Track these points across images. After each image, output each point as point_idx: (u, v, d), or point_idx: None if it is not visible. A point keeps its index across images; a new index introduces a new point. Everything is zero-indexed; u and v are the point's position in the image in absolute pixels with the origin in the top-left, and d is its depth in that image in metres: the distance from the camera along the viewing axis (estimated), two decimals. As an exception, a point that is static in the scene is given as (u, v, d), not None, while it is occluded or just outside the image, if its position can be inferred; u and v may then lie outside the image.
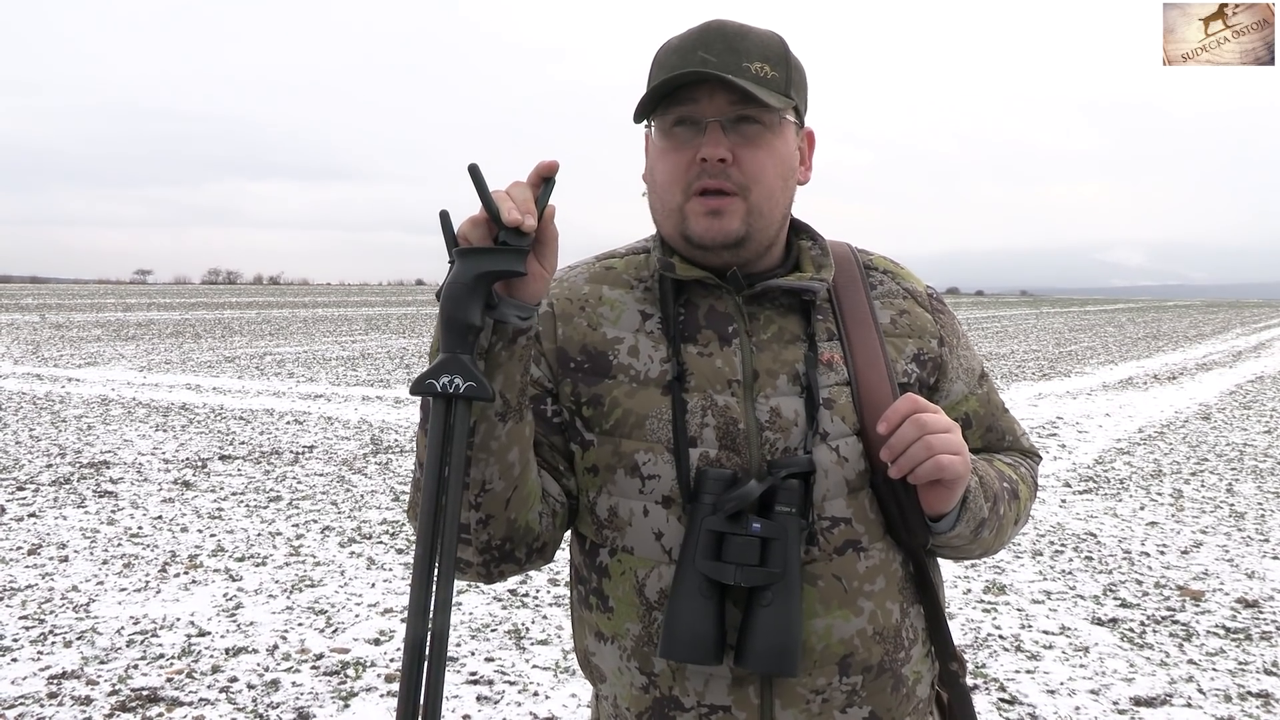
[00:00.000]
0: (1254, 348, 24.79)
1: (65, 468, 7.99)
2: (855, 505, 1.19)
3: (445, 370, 1.01)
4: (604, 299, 1.24)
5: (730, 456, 1.16)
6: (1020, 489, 1.30)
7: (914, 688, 1.24)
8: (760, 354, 1.20)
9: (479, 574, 1.18)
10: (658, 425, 1.18)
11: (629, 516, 1.19)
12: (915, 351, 1.26)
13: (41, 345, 21.10)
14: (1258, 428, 10.88)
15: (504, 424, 1.09)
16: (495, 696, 3.76)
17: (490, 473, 1.10)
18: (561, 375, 1.22)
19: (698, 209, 1.17)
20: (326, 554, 5.61)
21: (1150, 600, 4.95)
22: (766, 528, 1.11)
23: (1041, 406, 12.42)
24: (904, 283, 1.31)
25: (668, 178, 1.19)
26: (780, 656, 1.11)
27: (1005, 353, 21.64)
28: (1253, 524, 6.51)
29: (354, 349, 21.04)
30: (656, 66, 1.19)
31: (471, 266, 1.02)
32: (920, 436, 1.10)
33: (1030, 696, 3.79)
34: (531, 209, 1.02)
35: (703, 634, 1.11)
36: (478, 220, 1.03)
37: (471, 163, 1.02)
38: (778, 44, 1.18)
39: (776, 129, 1.18)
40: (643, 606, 1.19)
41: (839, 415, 1.19)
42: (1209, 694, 3.84)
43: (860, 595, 1.18)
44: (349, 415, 11.06)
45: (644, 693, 1.20)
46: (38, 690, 3.76)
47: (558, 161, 1.05)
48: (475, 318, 1.02)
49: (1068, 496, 7.28)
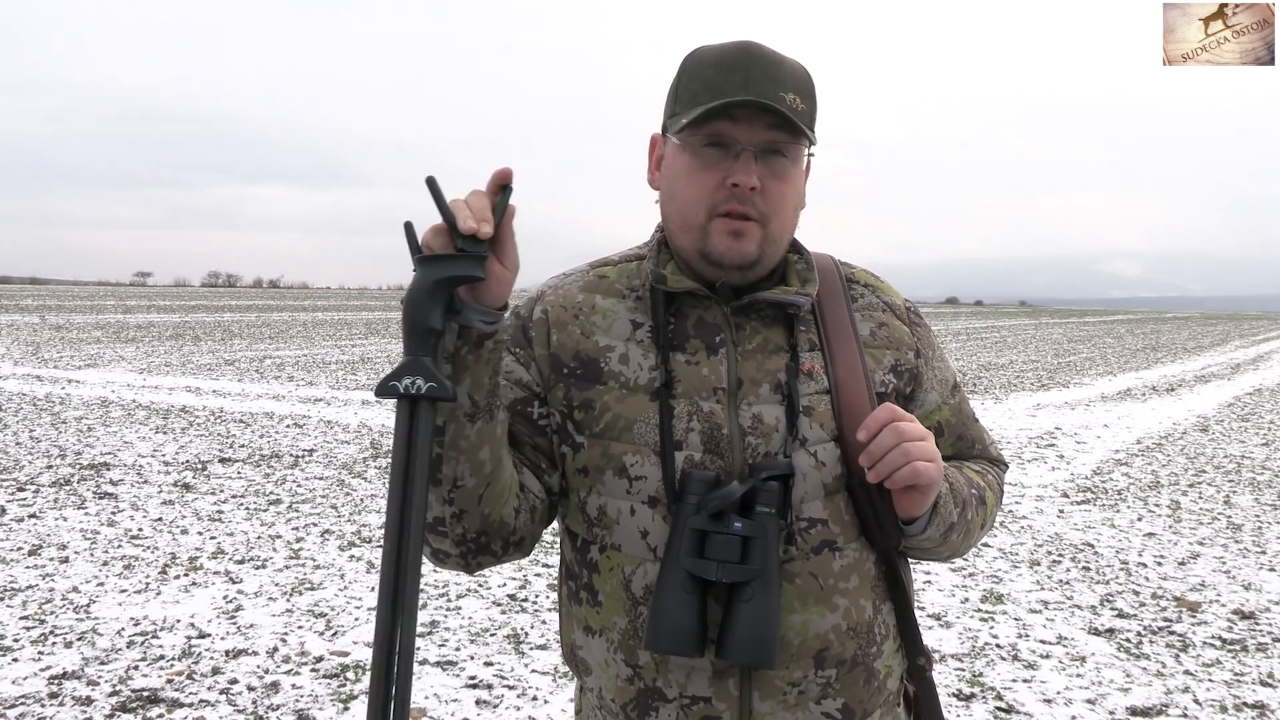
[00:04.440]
0: (1252, 360, 24.82)
1: (65, 469, 8.00)
2: (831, 507, 1.24)
3: (407, 372, 1.06)
4: (597, 307, 1.30)
5: (714, 460, 1.22)
6: (987, 495, 1.37)
7: (885, 681, 1.29)
8: (745, 363, 1.25)
9: (459, 564, 1.24)
10: (645, 429, 1.23)
11: (617, 515, 1.24)
12: (893, 362, 1.32)
13: (41, 346, 21.11)
14: (1255, 440, 10.90)
15: (473, 424, 1.14)
16: (494, 701, 3.77)
17: (461, 470, 1.15)
18: (554, 380, 1.28)
19: (721, 228, 1.22)
20: (326, 557, 5.62)
21: (1147, 611, 4.97)
22: (747, 527, 1.17)
23: (1040, 417, 12.44)
24: (883, 296, 1.36)
25: (694, 196, 1.23)
26: (759, 649, 1.16)
27: (1004, 363, 21.67)
28: (1250, 536, 6.53)
29: (354, 353, 21.06)
30: (690, 78, 1.23)
31: (431, 273, 1.07)
32: (898, 444, 1.16)
33: (1027, 705, 3.81)
34: (488, 216, 1.08)
35: (685, 627, 1.16)
36: (439, 229, 1.08)
37: (429, 175, 1.07)
38: (807, 77, 1.24)
39: (799, 162, 1.24)
40: (629, 601, 1.24)
41: (818, 422, 1.24)
42: (1205, 705, 3.86)
43: (835, 593, 1.24)
44: (349, 419, 11.08)
45: (629, 684, 1.25)
46: (38, 690, 3.77)
47: (511, 169, 1.11)
48: (436, 321, 1.07)
49: (1065, 507, 7.30)
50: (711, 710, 1.22)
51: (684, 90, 1.23)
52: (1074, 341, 32.10)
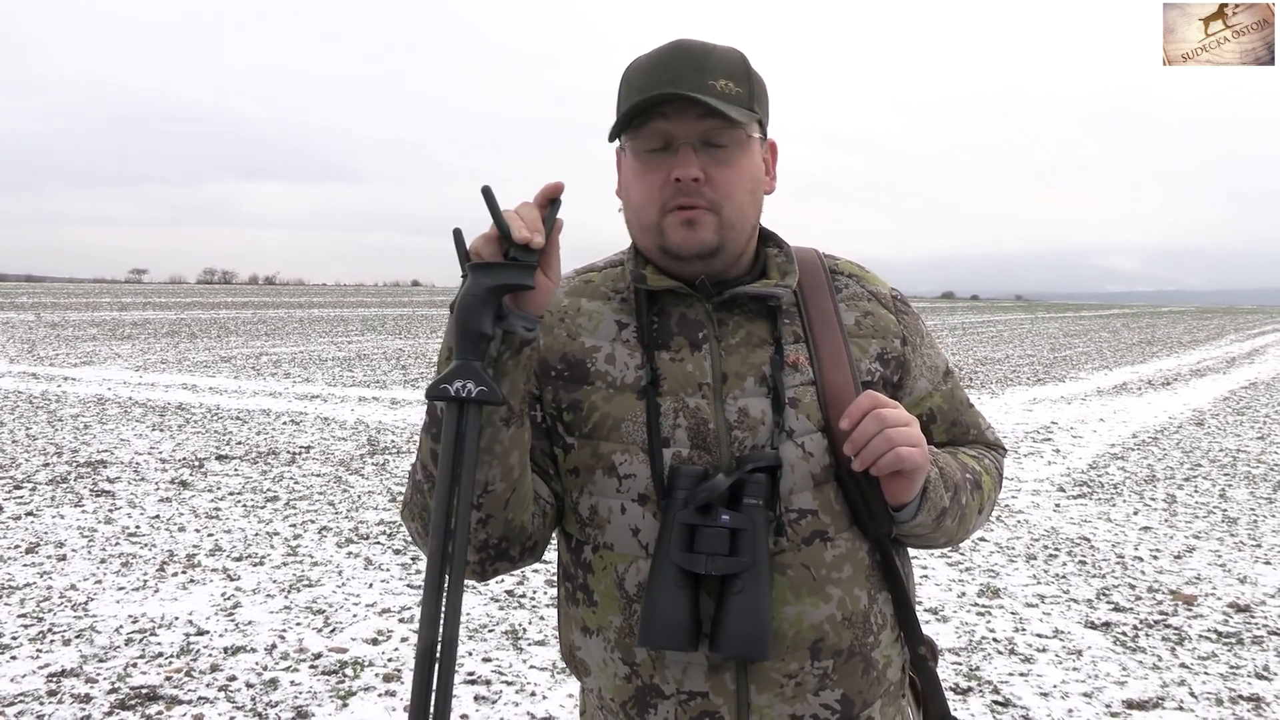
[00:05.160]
0: (1248, 354, 24.87)
1: (62, 467, 8.00)
2: (821, 498, 1.25)
3: (459, 376, 1.07)
4: (583, 310, 1.31)
5: (701, 455, 1.23)
6: (983, 480, 1.37)
7: (884, 671, 1.30)
8: (729, 357, 1.27)
9: (474, 572, 1.25)
10: (633, 428, 1.24)
11: (608, 514, 1.26)
12: (879, 351, 1.33)
13: (37, 344, 21.07)
14: (1251, 434, 10.93)
15: (507, 428, 1.16)
16: (493, 696, 3.78)
17: (493, 474, 1.16)
18: (543, 383, 1.29)
19: (674, 221, 1.24)
20: (324, 554, 5.62)
21: (1143, 604, 4.99)
22: (735, 519, 1.17)
23: (1036, 411, 12.46)
24: (868, 285, 1.37)
25: (644, 197, 1.25)
26: (751, 641, 1.16)
27: (1000, 357, 21.70)
28: (1245, 529, 6.55)
29: (350, 349, 21.05)
30: (626, 86, 1.25)
31: (484, 280, 1.08)
32: (880, 430, 1.17)
33: (1024, 699, 3.82)
34: (540, 227, 1.10)
35: (678, 622, 1.17)
36: (490, 237, 1.10)
37: (484, 185, 1.09)
38: (740, 60, 1.25)
39: (744, 145, 1.25)
40: (623, 599, 1.25)
41: (804, 413, 1.25)
42: (1200, 697, 3.87)
43: (828, 583, 1.24)
44: (345, 416, 11.07)
45: (626, 682, 1.26)
46: (37, 688, 3.77)
47: (563, 183, 1.13)
48: (487, 327, 1.08)
49: (1062, 501, 7.32)
50: (709, 705, 1.23)
51: (622, 99, 1.25)
52: (1070, 336, 32.14)
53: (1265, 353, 25.52)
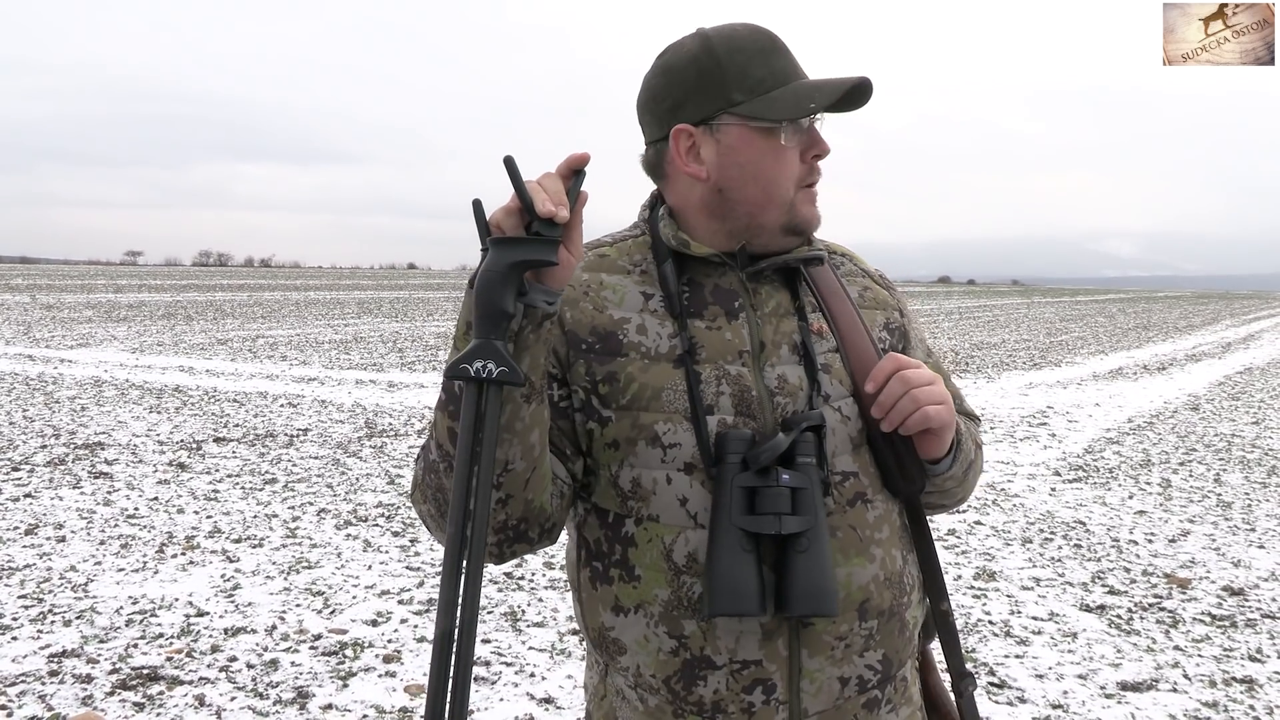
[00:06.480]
0: (1243, 339, 24.92)
1: (60, 449, 8.00)
2: (860, 460, 1.28)
3: (479, 355, 1.04)
4: (604, 284, 1.30)
5: (746, 422, 1.24)
6: (979, 440, 1.44)
7: (914, 631, 1.33)
8: (764, 326, 1.28)
9: (491, 554, 1.22)
10: (674, 396, 1.23)
11: (652, 486, 1.24)
12: (884, 321, 1.38)
13: (33, 326, 21.03)
14: (1246, 419, 10.97)
15: (528, 405, 1.14)
16: (492, 678, 3.81)
17: (513, 453, 1.15)
18: (574, 357, 1.26)
19: (805, 198, 1.29)
20: (323, 536, 5.64)
21: (1138, 588, 5.02)
22: (794, 478, 1.18)
23: (1032, 396, 12.49)
24: (859, 264, 1.43)
25: (782, 173, 1.27)
26: (820, 598, 1.17)
27: (996, 342, 21.73)
28: (1239, 513, 6.59)
29: (347, 332, 21.03)
30: (748, 65, 1.24)
31: (506, 255, 1.05)
32: (906, 391, 1.21)
33: (1019, 681, 3.85)
34: (564, 200, 1.07)
35: (747, 587, 1.16)
36: (511, 210, 1.07)
37: (507, 155, 1.05)
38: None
39: None
40: (671, 571, 1.23)
41: (836, 379, 1.28)
42: (1194, 679, 3.91)
43: (872, 544, 1.26)
44: (343, 398, 11.08)
45: (673, 656, 1.23)
46: (39, 669, 3.79)
47: (588, 154, 1.09)
48: (509, 305, 1.05)
49: (1057, 485, 7.35)
50: (762, 672, 1.22)
51: (745, 77, 1.24)
52: (1066, 320, 32.18)
53: (1260, 338, 25.58)
